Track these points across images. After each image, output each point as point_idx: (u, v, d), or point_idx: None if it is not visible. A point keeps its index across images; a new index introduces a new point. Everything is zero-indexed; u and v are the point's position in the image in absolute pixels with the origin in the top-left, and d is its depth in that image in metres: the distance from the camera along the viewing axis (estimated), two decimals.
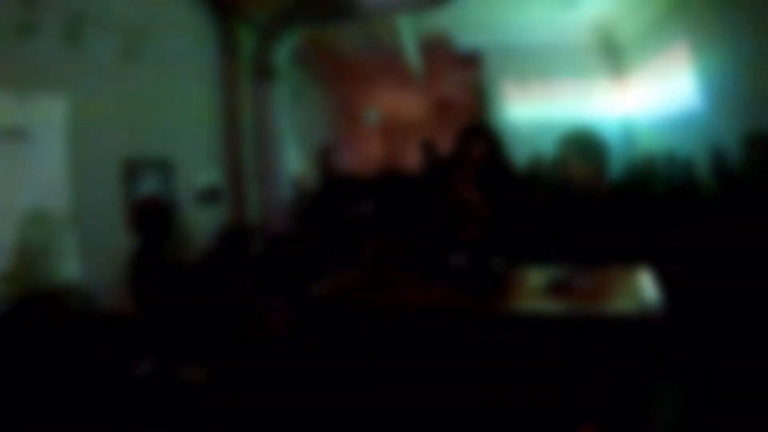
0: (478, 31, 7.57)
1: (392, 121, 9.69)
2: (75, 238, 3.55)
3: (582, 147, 2.62)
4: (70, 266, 3.51)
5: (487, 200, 2.76)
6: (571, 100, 8.02)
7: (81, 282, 3.46)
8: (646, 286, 1.99)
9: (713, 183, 4.75)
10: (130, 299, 2.88)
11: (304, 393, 2.21)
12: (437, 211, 2.93)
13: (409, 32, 7.46)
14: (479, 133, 2.88)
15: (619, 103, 7.98)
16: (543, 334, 1.82)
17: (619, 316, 1.80)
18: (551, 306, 1.95)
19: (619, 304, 1.91)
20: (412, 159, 6.44)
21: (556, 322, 1.84)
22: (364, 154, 9.31)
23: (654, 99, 7.07)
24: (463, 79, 8.77)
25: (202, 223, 4.94)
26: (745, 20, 4.66)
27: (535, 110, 8.21)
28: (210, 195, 5.29)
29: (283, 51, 6.12)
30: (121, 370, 2.69)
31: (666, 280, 2.08)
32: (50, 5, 3.41)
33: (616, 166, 5.43)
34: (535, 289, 2.10)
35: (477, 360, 1.87)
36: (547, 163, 5.63)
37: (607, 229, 2.43)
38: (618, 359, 1.74)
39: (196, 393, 2.67)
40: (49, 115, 3.46)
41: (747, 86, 4.68)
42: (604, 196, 2.57)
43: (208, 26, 5.52)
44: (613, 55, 7.96)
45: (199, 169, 5.19)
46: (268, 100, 6.00)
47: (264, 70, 5.93)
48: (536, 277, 2.20)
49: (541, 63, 7.84)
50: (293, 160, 6.56)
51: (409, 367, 1.96)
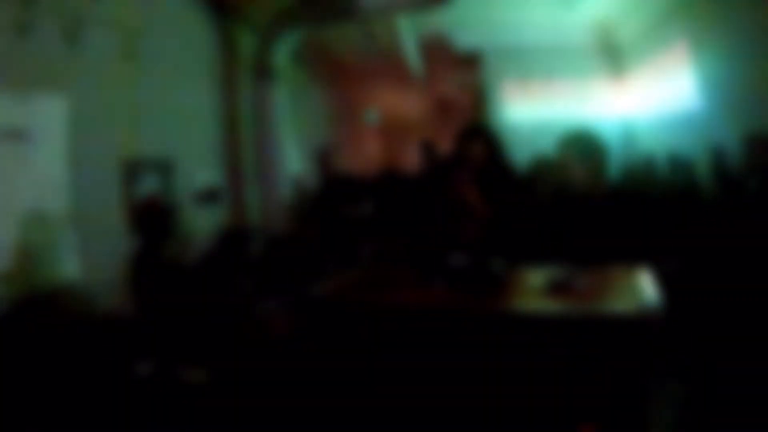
0: (478, 31, 7.56)
1: (392, 121, 9.70)
2: (75, 238, 3.55)
3: (581, 148, 2.63)
4: (69, 266, 3.51)
5: (487, 200, 2.76)
6: (571, 100, 8.01)
7: (81, 282, 3.46)
8: (646, 286, 1.99)
9: (713, 183, 4.74)
10: (130, 299, 2.88)
11: (304, 393, 2.21)
12: (437, 211, 2.93)
13: (409, 32, 7.46)
14: (479, 133, 2.88)
15: (618, 103, 7.97)
16: (543, 334, 1.82)
17: (619, 316, 1.80)
18: (551, 306, 1.95)
19: (619, 304, 1.92)
20: (412, 159, 6.45)
21: (555, 322, 1.85)
22: (364, 155, 9.31)
23: (654, 99, 7.06)
24: (463, 79, 8.76)
25: (201, 224, 4.94)
26: (746, 20, 4.66)
27: (535, 110, 8.20)
28: (210, 195, 5.29)
29: (283, 51, 6.12)
30: (121, 371, 2.69)
31: (665, 277, 2.09)
32: (50, 5, 3.41)
33: (616, 166, 5.44)
34: (534, 289, 2.10)
35: (477, 360, 1.87)
36: (550, 163, 5.61)
37: (607, 229, 2.43)
38: (618, 359, 1.74)
39: (196, 393, 2.67)
40: (48, 115, 3.46)
41: (747, 86, 4.67)
42: (603, 197, 2.57)
43: (208, 26, 5.52)
44: (613, 55, 7.95)
45: (199, 169, 5.19)
46: (267, 101, 6.00)
47: (264, 71, 5.93)
48: (536, 277, 2.20)
49: (541, 63, 7.83)
50: (293, 161, 6.56)
51: (409, 367, 1.96)
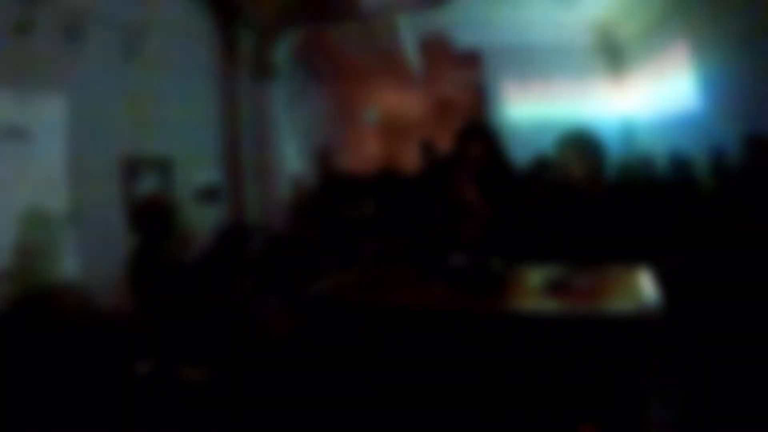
0: (478, 31, 7.56)
1: (392, 120, 9.69)
2: (74, 237, 3.55)
3: (580, 147, 2.63)
4: (69, 265, 3.51)
5: (487, 200, 2.76)
6: (571, 99, 8.01)
7: (80, 281, 3.46)
8: (646, 286, 1.99)
9: (712, 183, 4.75)
10: (130, 298, 2.87)
11: (303, 393, 2.21)
12: (437, 211, 2.92)
13: (409, 32, 7.45)
14: (478, 133, 2.88)
15: (618, 103, 7.97)
16: (542, 334, 1.82)
17: (619, 316, 1.80)
18: (551, 306, 1.95)
19: (619, 304, 1.91)
20: (412, 159, 6.44)
21: (555, 322, 1.84)
22: (364, 154, 9.30)
23: (653, 99, 7.07)
24: (463, 79, 8.76)
25: (201, 222, 4.94)
26: (745, 20, 4.66)
27: (535, 110, 8.20)
28: (209, 194, 5.28)
29: (283, 50, 6.12)
30: (120, 369, 2.69)
31: (664, 276, 2.09)
32: (50, 4, 3.41)
33: (615, 166, 5.44)
34: (534, 289, 2.10)
35: (477, 360, 1.87)
36: (549, 163, 5.61)
37: (606, 229, 2.43)
38: (617, 359, 1.74)
39: (195, 392, 2.66)
40: (48, 114, 3.46)
41: (747, 86, 4.68)
42: (603, 196, 2.57)
43: (207, 25, 5.52)
44: (612, 55, 7.96)
45: (199, 168, 5.19)
46: (267, 100, 6.00)
47: (263, 70, 5.93)
48: (536, 277, 2.19)
49: (541, 63, 7.83)
50: (293, 160, 6.56)
51: (409, 367, 1.95)
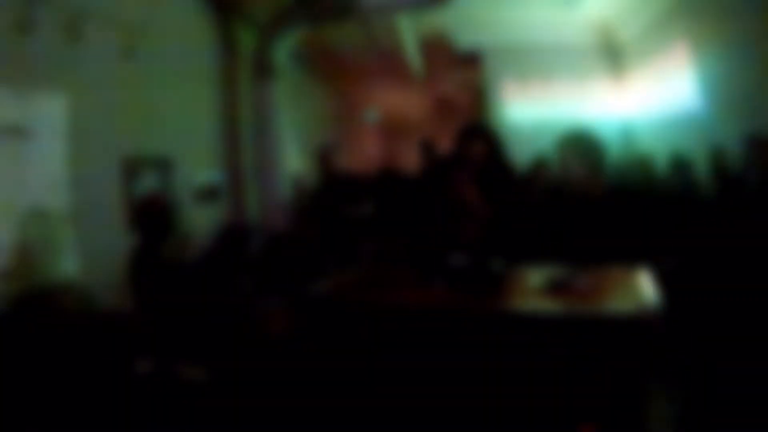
0: (478, 31, 7.56)
1: (392, 120, 9.70)
2: (74, 236, 3.54)
3: (579, 147, 2.64)
4: (69, 264, 3.50)
5: (487, 200, 2.76)
6: (571, 100, 8.01)
7: (80, 280, 3.45)
8: (645, 286, 1.99)
9: (712, 183, 4.75)
10: (130, 297, 2.87)
11: (304, 393, 2.21)
12: (437, 211, 2.92)
13: (409, 32, 7.45)
14: (478, 133, 2.88)
15: (619, 103, 7.97)
16: (542, 334, 1.82)
17: (619, 316, 1.80)
18: (551, 306, 1.95)
19: (619, 304, 1.92)
20: (412, 159, 6.44)
21: (555, 322, 1.85)
22: (364, 154, 9.31)
23: (654, 99, 7.06)
24: (463, 79, 8.76)
25: (201, 222, 4.94)
26: (746, 20, 4.66)
27: (535, 110, 8.19)
28: (209, 194, 5.28)
29: (283, 50, 6.12)
30: (120, 369, 2.68)
31: (663, 275, 2.09)
32: (50, 3, 3.41)
33: (615, 166, 5.43)
34: (534, 289, 2.10)
35: (477, 360, 1.87)
36: (549, 163, 5.61)
37: (606, 229, 2.43)
38: (617, 359, 1.74)
39: (196, 392, 2.66)
40: (48, 113, 3.46)
41: (747, 86, 4.67)
42: (602, 196, 2.58)
43: (208, 25, 5.52)
44: (613, 55, 7.95)
45: (199, 168, 5.19)
46: (267, 100, 6.00)
47: (263, 70, 5.93)
48: (536, 277, 2.20)
49: (541, 63, 7.83)
50: (293, 160, 6.56)
51: (409, 367, 1.95)
